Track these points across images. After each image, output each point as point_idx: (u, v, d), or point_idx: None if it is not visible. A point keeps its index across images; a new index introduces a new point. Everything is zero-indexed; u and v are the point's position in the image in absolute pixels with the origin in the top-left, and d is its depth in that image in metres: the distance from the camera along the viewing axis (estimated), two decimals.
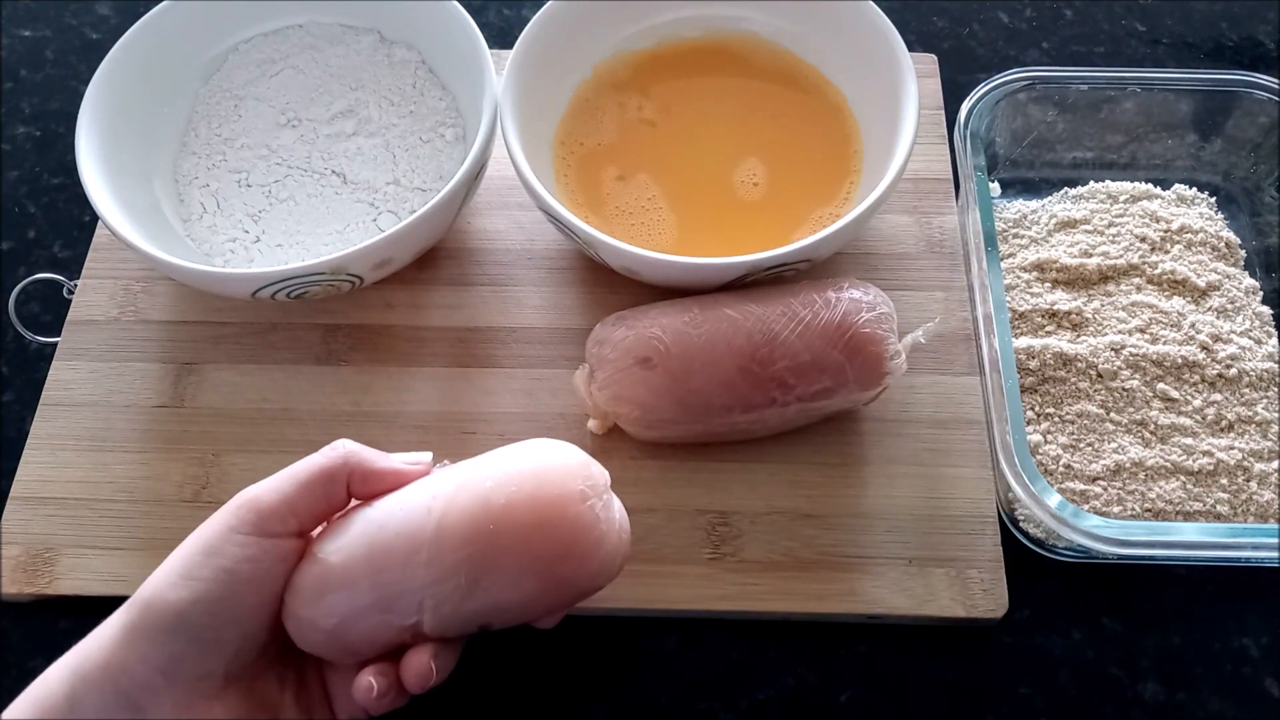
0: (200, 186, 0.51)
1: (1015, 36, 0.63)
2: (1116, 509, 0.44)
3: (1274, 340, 0.49)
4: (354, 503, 0.38)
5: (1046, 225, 0.52)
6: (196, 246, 0.49)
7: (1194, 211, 0.52)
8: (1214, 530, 0.42)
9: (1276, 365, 0.47)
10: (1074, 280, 0.50)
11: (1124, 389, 0.46)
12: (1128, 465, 0.45)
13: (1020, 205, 0.54)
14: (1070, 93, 0.52)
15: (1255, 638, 0.44)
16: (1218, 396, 0.46)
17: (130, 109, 0.50)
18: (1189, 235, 0.51)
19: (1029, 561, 0.45)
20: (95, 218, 0.50)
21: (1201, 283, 0.49)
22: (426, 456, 0.39)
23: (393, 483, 0.37)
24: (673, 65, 0.54)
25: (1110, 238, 0.51)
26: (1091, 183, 0.54)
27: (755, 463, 0.46)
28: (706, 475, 0.46)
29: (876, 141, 0.50)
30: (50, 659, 0.34)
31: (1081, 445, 0.46)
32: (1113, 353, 0.47)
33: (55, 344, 0.50)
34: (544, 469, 0.36)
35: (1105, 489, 0.45)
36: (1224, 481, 0.45)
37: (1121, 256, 0.50)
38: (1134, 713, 0.42)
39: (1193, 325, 0.48)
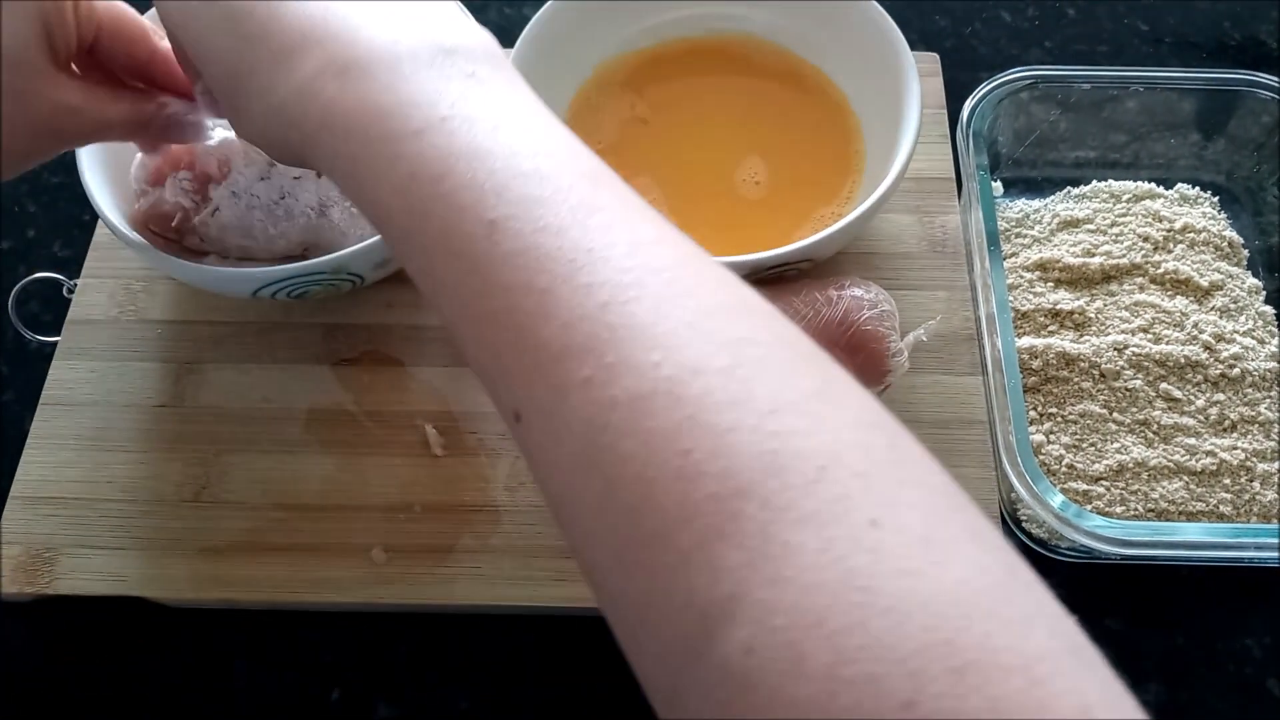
0: None
1: (1018, 35, 0.63)
2: (1119, 509, 0.44)
3: (1277, 340, 0.48)
4: None
5: (1049, 225, 0.52)
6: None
7: (1197, 211, 0.52)
8: (1217, 530, 0.42)
9: (1279, 365, 0.47)
10: (1077, 280, 0.50)
11: (1127, 389, 0.46)
12: (1130, 465, 0.45)
13: (1023, 204, 0.54)
14: (1073, 92, 0.52)
15: (1258, 638, 0.44)
16: (1221, 396, 0.46)
17: None
18: (1192, 235, 0.51)
19: (1031, 561, 0.44)
20: (95, 217, 0.50)
21: (1204, 282, 0.49)
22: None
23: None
24: (674, 64, 0.54)
25: (1113, 237, 0.51)
26: (1094, 182, 0.53)
27: None
28: None
29: (878, 141, 0.50)
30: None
31: (1084, 445, 0.45)
32: (1115, 352, 0.47)
33: (55, 343, 0.49)
34: None
35: (1108, 489, 0.44)
36: (1227, 482, 0.45)
37: (1124, 256, 0.50)
38: None
39: (1196, 325, 0.48)
